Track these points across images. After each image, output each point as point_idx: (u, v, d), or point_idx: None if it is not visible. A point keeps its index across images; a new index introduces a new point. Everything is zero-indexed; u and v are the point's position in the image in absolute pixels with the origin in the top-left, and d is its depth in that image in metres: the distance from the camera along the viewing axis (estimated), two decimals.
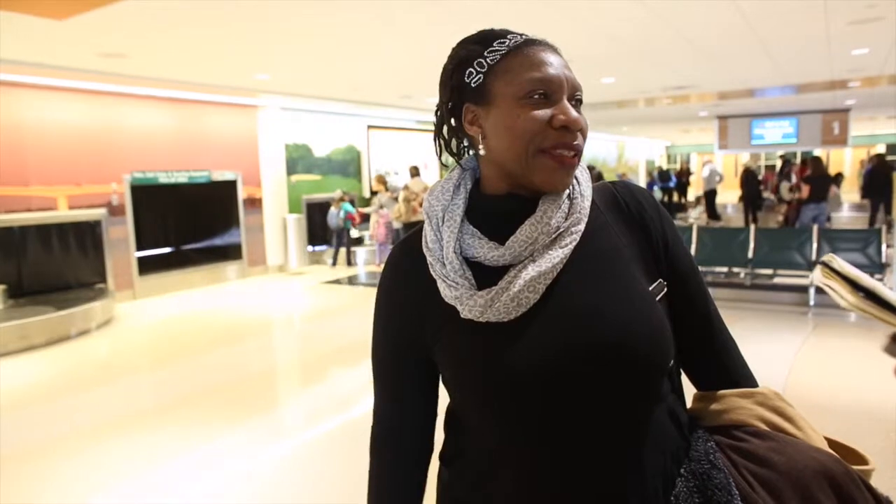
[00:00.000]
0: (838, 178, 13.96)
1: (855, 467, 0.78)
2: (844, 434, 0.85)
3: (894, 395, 3.97)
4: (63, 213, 7.09)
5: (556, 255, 0.80)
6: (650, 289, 0.83)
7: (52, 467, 3.34)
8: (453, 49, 0.87)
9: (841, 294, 0.84)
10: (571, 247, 0.81)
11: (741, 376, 0.89)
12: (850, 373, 4.48)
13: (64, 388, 4.70)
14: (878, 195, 11.52)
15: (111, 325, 6.60)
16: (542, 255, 0.80)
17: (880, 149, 21.37)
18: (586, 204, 0.85)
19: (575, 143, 0.80)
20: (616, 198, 0.90)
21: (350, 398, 4.29)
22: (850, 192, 16.79)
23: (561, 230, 0.81)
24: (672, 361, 0.84)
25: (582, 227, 0.83)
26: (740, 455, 0.81)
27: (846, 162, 22.65)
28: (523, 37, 0.83)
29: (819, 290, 6.13)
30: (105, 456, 3.46)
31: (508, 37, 0.83)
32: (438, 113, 0.89)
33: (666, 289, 0.86)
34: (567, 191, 0.84)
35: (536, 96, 0.79)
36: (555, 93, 0.79)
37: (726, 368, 0.90)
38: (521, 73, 0.80)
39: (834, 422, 0.82)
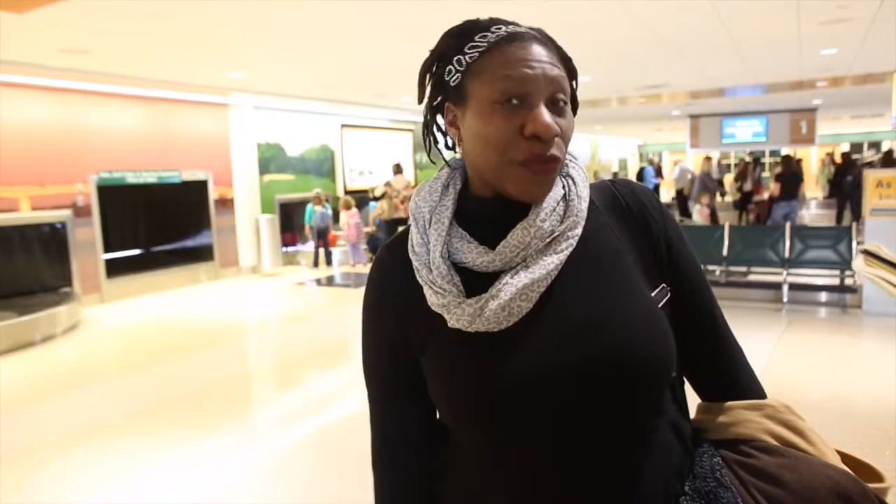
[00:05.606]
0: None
1: (871, 485, 0.73)
2: (821, 431, 0.81)
3: (869, 390, 4.03)
4: (25, 215, 6.87)
5: (551, 262, 0.74)
6: (652, 295, 0.79)
7: (13, 481, 3.19)
8: (438, 40, 0.81)
9: (891, 282, 0.79)
10: (567, 252, 0.76)
11: (748, 387, 0.85)
12: (826, 369, 4.53)
13: (27, 397, 4.53)
14: (844, 193, 11.77)
15: (77, 330, 6.40)
16: (536, 260, 0.75)
17: (844, 147, 21.87)
18: (583, 206, 0.79)
19: (549, 153, 0.74)
20: (616, 197, 0.84)
21: (326, 402, 4.20)
22: (817, 190, 17.11)
23: (556, 234, 0.76)
24: (675, 371, 0.79)
25: (579, 230, 0.77)
26: (748, 472, 0.76)
27: (812, 161, 23.10)
28: (509, 30, 0.75)
29: (793, 287, 6.22)
30: (69, 468, 3.33)
31: (492, 30, 0.75)
32: (425, 108, 0.84)
33: (669, 294, 0.81)
34: (563, 191, 0.79)
35: (513, 101, 0.72)
36: (530, 95, 0.73)
37: (732, 378, 0.85)
38: (495, 73, 0.73)
39: (810, 418, 0.81)
